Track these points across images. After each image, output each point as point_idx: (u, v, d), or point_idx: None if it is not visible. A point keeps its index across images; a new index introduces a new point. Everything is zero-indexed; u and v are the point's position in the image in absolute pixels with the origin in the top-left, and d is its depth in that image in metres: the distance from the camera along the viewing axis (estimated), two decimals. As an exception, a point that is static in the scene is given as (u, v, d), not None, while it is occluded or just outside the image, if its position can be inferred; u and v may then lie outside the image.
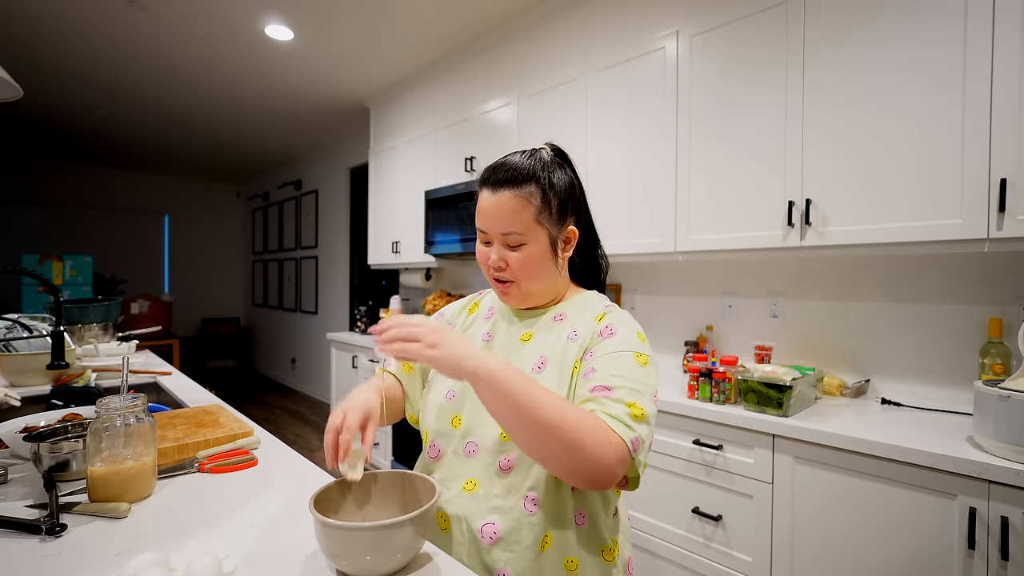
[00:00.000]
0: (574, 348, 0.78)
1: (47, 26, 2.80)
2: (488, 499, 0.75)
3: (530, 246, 0.78)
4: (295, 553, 0.68)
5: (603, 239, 0.96)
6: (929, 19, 1.35)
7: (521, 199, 0.77)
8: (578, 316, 0.82)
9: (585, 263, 0.91)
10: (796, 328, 1.90)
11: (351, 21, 2.73)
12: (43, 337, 1.78)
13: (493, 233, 0.79)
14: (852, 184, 1.48)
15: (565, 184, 0.81)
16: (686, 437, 1.61)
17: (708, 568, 1.56)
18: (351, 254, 4.94)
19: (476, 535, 0.74)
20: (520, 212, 0.76)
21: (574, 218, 0.83)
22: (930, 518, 1.17)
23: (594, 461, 0.62)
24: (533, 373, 0.78)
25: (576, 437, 0.61)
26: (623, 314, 0.82)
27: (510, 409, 0.63)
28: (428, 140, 3.19)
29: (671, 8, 1.96)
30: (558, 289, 0.86)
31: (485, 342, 0.86)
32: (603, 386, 0.69)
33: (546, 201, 0.78)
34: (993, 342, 1.44)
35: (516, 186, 0.77)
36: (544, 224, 0.78)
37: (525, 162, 0.79)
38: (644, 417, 0.67)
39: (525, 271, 0.79)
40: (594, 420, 0.64)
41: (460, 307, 0.97)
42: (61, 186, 5.96)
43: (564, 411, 0.63)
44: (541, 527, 0.73)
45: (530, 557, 0.73)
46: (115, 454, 0.81)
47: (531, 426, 0.63)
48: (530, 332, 0.83)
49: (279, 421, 4.63)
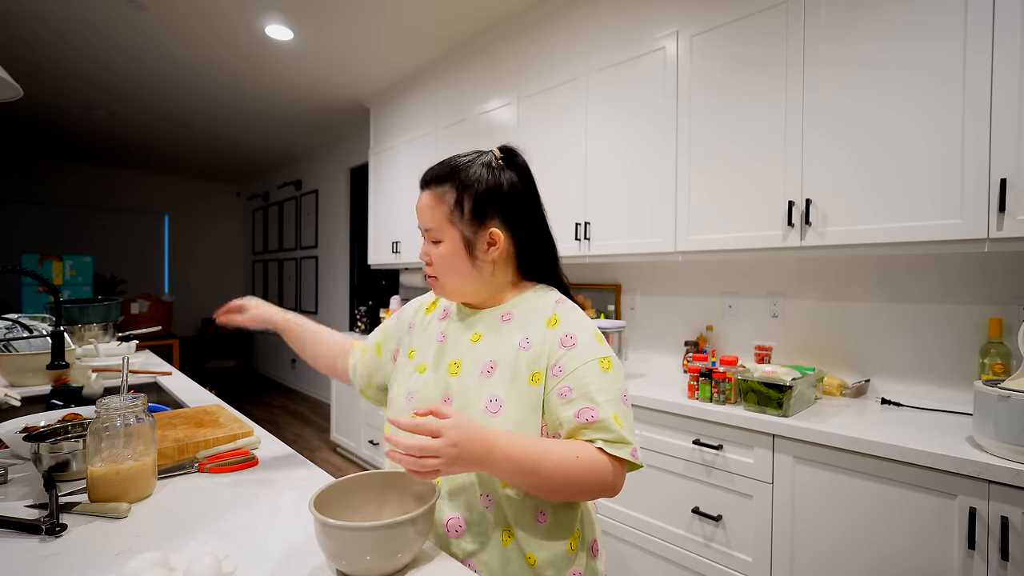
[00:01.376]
0: (527, 357, 0.78)
1: (47, 26, 2.80)
2: (448, 495, 0.77)
3: (445, 244, 0.81)
4: (295, 553, 0.68)
5: (603, 239, 0.96)
6: (929, 18, 1.35)
7: (436, 197, 0.81)
8: (527, 318, 0.82)
9: (537, 267, 0.88)
10: (796, 328, 1.90)
11: (351, 21, 2.73)
12: (43, 337, 1.78)
13: (421, 229, 0.84)
14: (852, 184, 1.48)
15: (485, 186, 0.79)
16: (686, 437, 1.61)
17: (708, 568, 1.56)
18: (351, 254, 4.94)
19: (443, 529, 0.77)
20: (434, 210, 0.81)
21: (499, 220, 0.81)
22: (930, 518, 1.17)
23: (599, 492, 0.72)
24: (483, 376, 0.79)
25: (580, 486, 0.70)
26: (574, 313, 0.82)
27: (521, 483, 0.70)
28: (428, 140, 3.19)
29: (671, 8, 1.96)
30: (494, 289, 0.85)
31: (440, 342, 0.87)
32: (587, 407, 0.73)
33: (458, 202, 0.79)
34: (993, 342, 1.44)
35: (436, 184, 0.81)
36: (455, 224, 0.80)
37: (452, 162, 0.82)
38: (625, 423, 0.74)
39: (443, 268, 0.82)
40: (593, 459, 0.70)
41: (418, 305, 0.98)
42: (61, 186, 5.96)
43: (568, 468, 0.69)
44: (500, 520, 0.76)
45: (495, 549, 0.75)
46: (115, 454, 0.81)
47: (540, 492, 0.71)
48: (479, 332, 0.84)
49: (279, 421, 4.63)
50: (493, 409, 0.76)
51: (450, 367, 0.83)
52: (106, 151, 5.53)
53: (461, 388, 0.80)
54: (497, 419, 0.75)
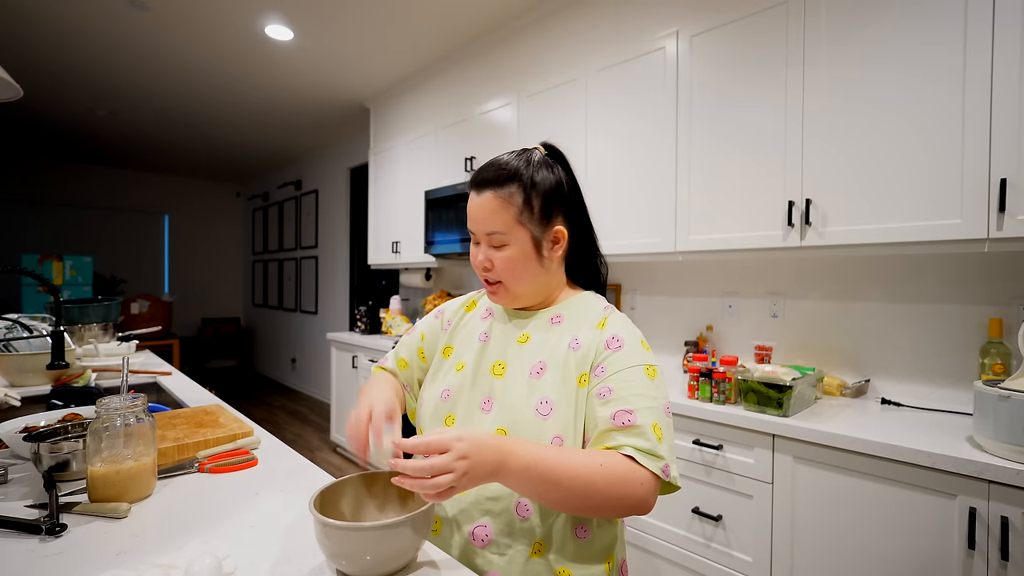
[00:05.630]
0: (576, 358, 0.76)
1: (47, 26, 2.80)
2: (480, 502, 0.75)
3: (512, 247, 0.78)
4: (295, 553, 0.68)
5: (603, 239, 0.95)
6: (929, 19, 1.35)
7: (502, 199, 0.77)
8: (577, 320, 0.81)
9: (582, 265, 0.90)
10: (796, 328, 1.90)
11: (351, 21, 2.73)
12: (43, 337, 1.78)
13: (479, 233, 0.80)
14: (852, 184, 1.48)
15: (550, 184, 0.79)
16: (686, 437, 1.61)
17: (708, 568, 1.56)
18: (351, 254, 4.94)
19: (467, 537, 0.74)
20: (501, 212, 0.77)
21: (562, 218, 0.81)
22: (930, 518, 1.17)
23: (627, 508, 0.65)
24: (532, 378, 0.77)
25: (604, 499, 0.64)
26: (623, 320, 0.81)
27: (538, 493, 0.65)
28: (428, 140, 3.19)
29: (671, 8, 1.96)
30: (550, 290, 0.85)
31: (482, 342, 0.85)
32: (624, 410, 0.69)
33: (527, 201, 0.77)
34: (993, 342, 1.44)
35: (498, 186, 0.77)
36: (525, 224, 0.77)
37: (509, 162, 0.79)
38: (665, 436, 0.69)
39: (509, 272, 0.79)
40: (621, 469, 0.64)
41: (459, 304, 0.96)
42: (61, 186, 5.96)
43: (590, 479, 0.63)
44: (533, 533, 0.73)
45: (520, 562, 0.72)
46: (115, 454, 0.81)
47: (561, 505, 0.65)
48: (527, 334, 0.82)
49: (279, 421, 4.63)
50: (544, 412, 0.74)
51: (493, 368, 0.81)
52: (106, 151, 5.53)
53: (504, 391, 0.78)
54: (549, 421, 0.73)
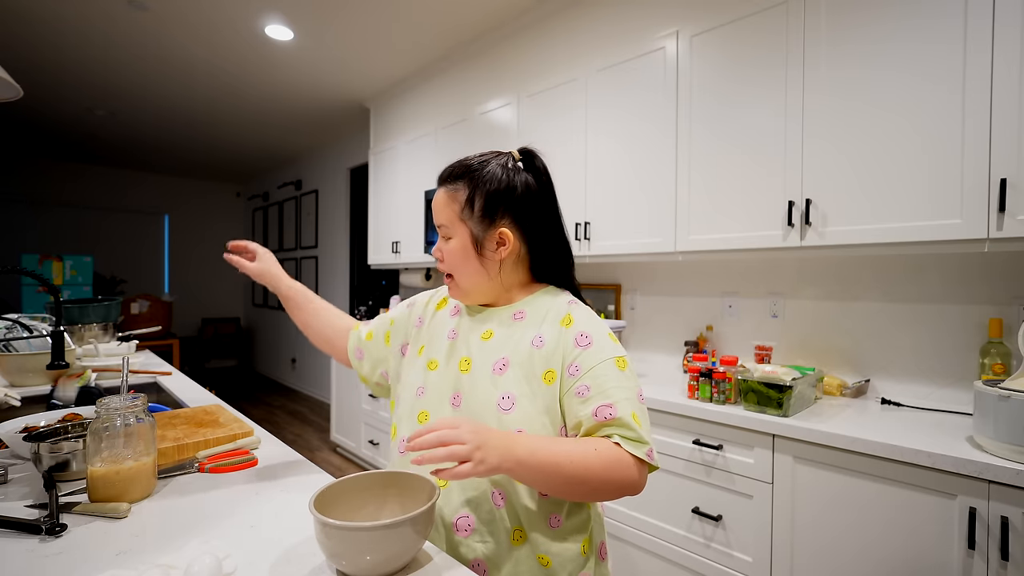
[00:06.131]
0: (541, 356, 0.78)
1: (47, 26, 2.80)
2: (459, 492, 0.77)
3: (455, 240, 0.83)
4: (295, 553, 0.68)
5: (603, 239, 0.96)
6: (929, 19, 1.35)
7: (449, 195, 0.83)
8: (540, 316, 0.83)
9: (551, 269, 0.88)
10: (796, 328, 1.90)
11: (351, 21, 2.73)
12: (43, 337, 1.78)
13: (436, 225, 0.85)
14: (852, 184, 1.48)
15: (497, 186, 0.80)
16: (686, 437, 1.61)
17: (708, 568, 1.56)
18: (351, 254, 4.94)
19: (451, 527, 0.76)
20: (445, 208, 0.83)
21: (509, 220, 0.81)
22: (930, 518, 1.17)
23: (620, 490, 0.71)
24: (494, 374, 0.79)
25: (601, 481, 0.68)
26: (588, 314, 0.82)
27: (542, 484, 0.69)
28: (428, 140, 3.19)
29: (671, 8, 1.96)
30: (502, 290, 0.85)
31: (451, 339, 0.87)
32: (604, 404, 0.73)
33: (470, 200, 0.81)
34: (993, 342, 1.44)
35: (450, 182, 0.83)
36: (466, 221, 0.81)
37: (467, 161, 0.84)
38: (643, 422, 0.74)
39: (454, 265, 0.84)
40: (612, 455, 0.69)
41: (428, 299, 0.98)
42: (61, 186, 5.96)
43: (587, 462, 0.68)
44: (511, 520, 0.76)
45: (504, 549, 0.75)
46: (115, 454, 0.81)
47: (561, 489, 0.70)
48: (490, 330, 0.84)
49: (279, 421, 4.63)
50: (506, 406, 0.76)
51: (460, 364, 0.83)
52: (106, 151, 5.53)
53: (471, 385, 0.80)
54: (510, 416, 0.75)
